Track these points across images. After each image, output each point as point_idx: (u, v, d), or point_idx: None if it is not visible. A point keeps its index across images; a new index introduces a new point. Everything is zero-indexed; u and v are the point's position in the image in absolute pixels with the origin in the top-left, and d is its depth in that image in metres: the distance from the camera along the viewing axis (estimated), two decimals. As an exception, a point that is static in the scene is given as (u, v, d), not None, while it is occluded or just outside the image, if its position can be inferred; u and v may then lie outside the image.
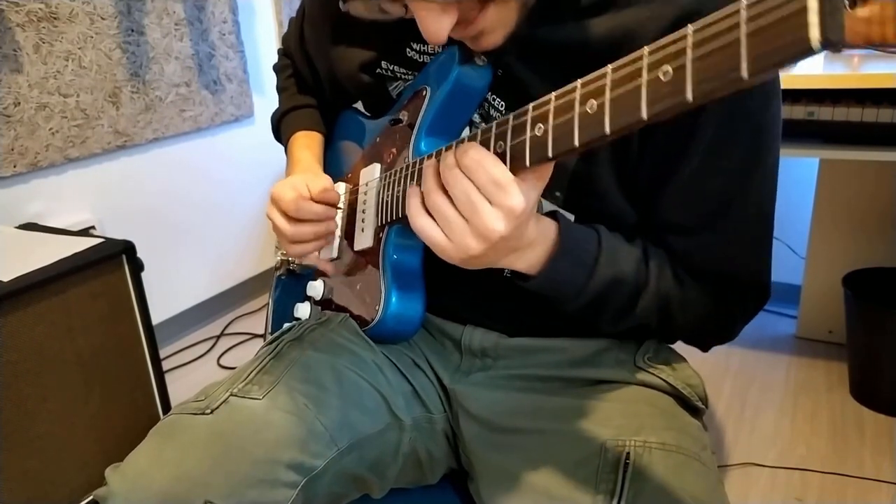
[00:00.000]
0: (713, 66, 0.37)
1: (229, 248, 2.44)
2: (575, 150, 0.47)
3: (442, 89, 0.68)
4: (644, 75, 0.41)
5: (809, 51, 0.32)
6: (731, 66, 0.36)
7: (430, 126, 0.70)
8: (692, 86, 0.38)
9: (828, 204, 1.94)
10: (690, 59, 0.38)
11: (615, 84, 0.43)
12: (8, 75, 1.66)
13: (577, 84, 0.46)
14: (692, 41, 0.38)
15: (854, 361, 1.80)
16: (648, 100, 0.40)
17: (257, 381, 0.70)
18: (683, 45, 0.38)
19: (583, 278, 0.63)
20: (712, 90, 0.37)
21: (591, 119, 0.45)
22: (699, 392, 0.74)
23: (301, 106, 0.96)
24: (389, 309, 0.72)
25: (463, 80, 0.67)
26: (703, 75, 0.37)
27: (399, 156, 0.74)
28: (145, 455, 0.64)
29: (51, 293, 1.29)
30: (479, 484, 0.71)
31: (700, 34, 0.38)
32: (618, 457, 0.63)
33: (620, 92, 0.42)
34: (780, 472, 1.55)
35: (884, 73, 1.32)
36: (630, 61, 0.42)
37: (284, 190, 0.77)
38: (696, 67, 0.37)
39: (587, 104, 0.45)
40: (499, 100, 0.69)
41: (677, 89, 0.39)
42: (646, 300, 0.67)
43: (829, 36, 0.32)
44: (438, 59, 0.71)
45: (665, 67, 0.39)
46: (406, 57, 0.74)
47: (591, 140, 0.45)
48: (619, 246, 0.66)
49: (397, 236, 0.73)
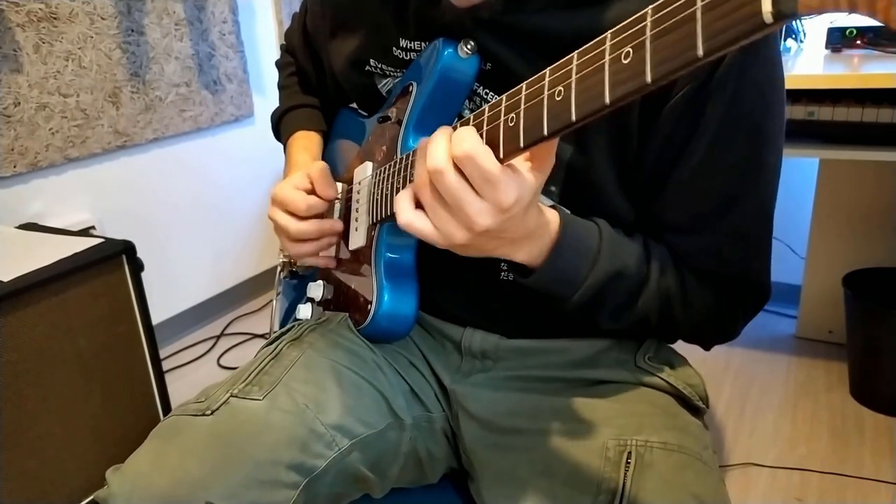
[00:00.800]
0: (670, 45, 0.36)
1: (229, 248, 2.44)
2: (544, 138, 0.46)
3: (428, 83, 0.68)
4: (607, 58, 0.40)
5: (763, 24, 0.32)
6: (688, 45, 0.35)
7: (417, 122, 0.70)
8: (651, 67, 0.37)
9: (828, 204, 1.94)
10: (649, 40, 0.37)
11: (580, 69, 0.42)
12: (8, 75, 1.66)
13: (545, 72, 0.46)
14: (651, 21, 0.37)
15: (854, 361, 1.80)
16: (611, 83, 0.40)
17: (257, 381, 0.70)
18: (643, 25, 0.38)
19: (584, 271, 0.62)
20: (670, 70, 0.37)
21: (558, 106, 0.44)
22: (700, 392, 0.74)
23: (301, 105, 0.96)
24: (382, 308, 0.72)
25: (448, 72, 0.67)
26: (661, 56, 0.37)
27: (389, 153, 0.74)
28: (146, 457, 0.64)
29: (51, 293, 1.29)
30: (480, 484, 0.71)
31: (658, 13, 0.37)
32: (619, 456, 0.63)
33: (585, 77, 0.42)
34: (780, 472, 1.55)
35: (884, 73, 1.32)
36: (594, 45, 0.42)
37: (286, 189, 0.76)
38: (654, 47, 0.37)
39: (555, 91, 0.44)
40: (491, 93, 0.68)
41: (637, 71, 0.38)
42: (647, 296, 0.66)
43: (782, 8, 0.31)
44: (424, 53, 0.70)
45: (626, 49, 0.39)
46: (393, 55, 0.74)
47: (560, 128, 0.44)
48: (621, 240, 0.65)
49: (388, 234, 0.73)
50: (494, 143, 0.50)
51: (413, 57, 0.73)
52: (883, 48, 1.56)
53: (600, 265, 0.62)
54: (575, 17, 0.61)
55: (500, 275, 0.73)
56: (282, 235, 0.79)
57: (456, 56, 0.67)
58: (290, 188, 0.76)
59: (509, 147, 0.49)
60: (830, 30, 1.63)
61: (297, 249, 0.79)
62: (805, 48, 1.71)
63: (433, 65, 0.67)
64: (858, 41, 1.60)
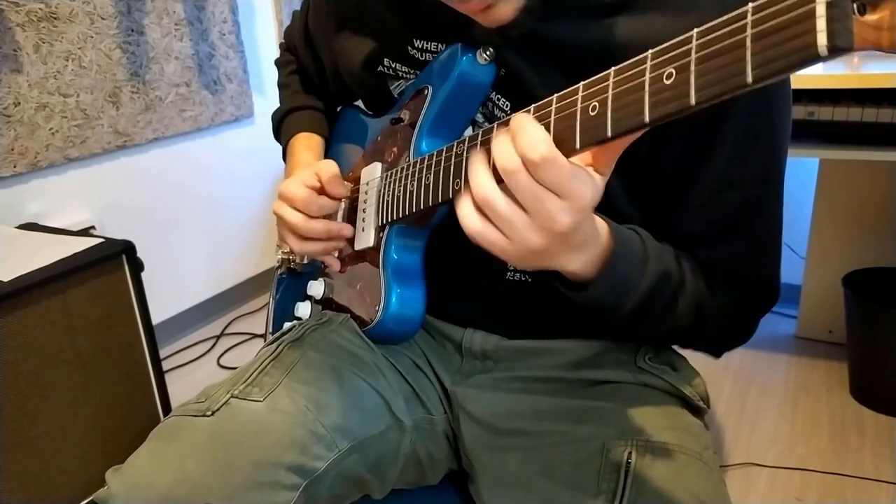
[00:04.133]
0: (717, 69, 0.36)
1: (229, 248, 2.44)
2: (576, 151, 0.46)
3: (444, 88, 0.68)
4: (647, 78, 0.40)
5: (817, 57, 0.32)
6: (736, 71, 0.35)
7: (431, 125, 0.70)
8: (695, 89, 0.38)
9: (828, 204, 1.94)
10: (694, 63, 0.38)
11: (617, 86, 0.43)
12: (8, 75, 1.66)
13: (579, 86, 0.46)
14: (696, 44, 0.38)
15: (854, 361, 1.80)
16: (651, 103, 0.40)
17: (258, 382, 0.69)
18: (688, 48, 0.38)
19: (637, 276, 0.60)
20: (715, 94, 0.37)
21: (592, 121, 0.44)
22: (700, 392, 0.73)
23: (303, 107, 0.95)
24: (389, 309, 0.72)
25: (465, 78, 0.66)
26: (707, 79, 0.37)
27: (400, 155, 0.73)
28: (146, 457, 0.64)
29: (51, 293, 1.29)
30: (480, 485, 0.71)
31: (704, 37, 0.37)
32: (619, 457, 0.63)
33: (623, 94, 0.42)
34: (780, 472, 1.55)
35: (884, 73, 1.32)
36: (633, 64, 0.42)
37: (295, 186, 0.75)
38: (700, 71, 0.37)
39: (589, 106, 0.45)
40: (503, 99, 0.68)
41: (681, 93, 0.38)
42: (685, 300, 0.65)
43: (837, 42, 0.31)
44: (441, 56, 0.70)
45: (668, 70, 0.39)
46: (408, 55, 0.73)
47: (593, 142, 0.45)
48: (653, 239, 0.64)
49: (398, 236, 0.73)
50: None
51: (428, 58, 0.72)
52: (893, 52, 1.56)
53: (650, 268, 0.60)
54: (590, 28, 0.61)
55: (507, 274, 0.73)
56: (287, 232, 0.77)
57: (474, 62, 0.66)
58: (299, 185, 0.75)
59: None
60: (830, 30, 1.62)
61: (302, 247, 0.77)
62: (805, 48, 1.70)
63: (451, 70, 0.67)
64: (858, 41, 1.59)
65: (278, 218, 0.77)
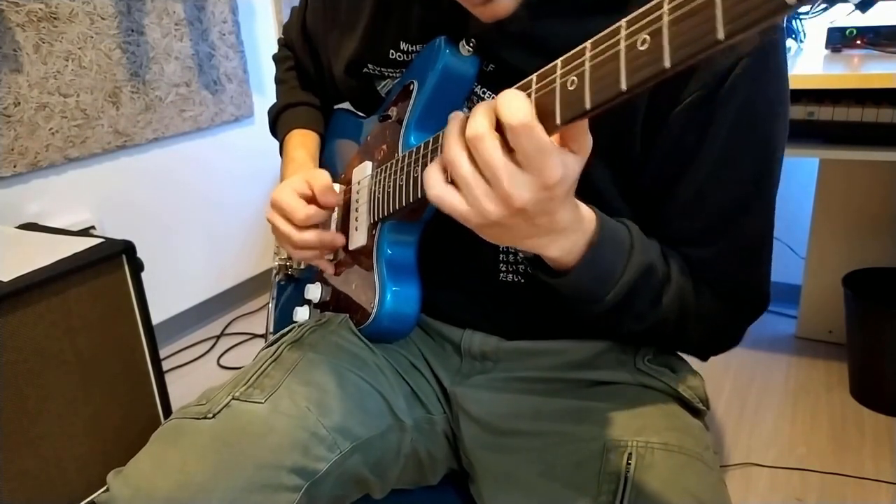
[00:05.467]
0: (689, 29, 0.36)
1: (229, 248, 2.44)
2: (557, 127, 0.46)
3: (429, 82, 0.69)
4: (622, 46, 0.40)
5: (785, 5, 0.32)
6: (708, 29, 0.35)
7: (418, 120, 0.71)
8: (669, 51, 0.37)
9: (828, 204, 1.94)
10: (667, 25, 0.37)
11: (594, 58, 0.42)
12: (8, 75, 1.66)
13: (557, 62, 0.46)
14: (668, 7, 0.37)
15: (854, 361, 1.80)
16: (627, 70, 0.40)
17: (259, 384, 0.70)
18: (660, 12, 0.38)
19: (620, 267, 0.59)
20: (689, 55, 0.36)
21: (572, 95, 0.44)
22: (699, 393, 0.73)
23: (299, 103, 0.95)
24: (384, 307, 0.72)
25: (449, 71, 0.67)
26: (680, 40, 0.37)
27: (390, 152, 0.74)
28: (148, 460, 0.64)
29: (51, 293, 1.29)
30: (480, 485, 0.71)
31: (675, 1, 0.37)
32: (619, 458, 0.63)
33: (600, 65, 0.42)
34: (780, 472, 1.55)
35: (884, 73, 1.32)
36: (609, 34, 0.42)
37: (287, 195, 0.76)
38: (673, 32, 0.37)
39: (567, 81, 0.44)
40: (490, 93, 0.68)
41: (655, 57, 0.38)
42: (669, 296, 0.64)
43: None
44: (424, 52, 0.71)
45: (643, 36, 0.39)
46: (390, 59, 0.74)
47: (573, 116, 0.44)
48: (642, 233, 0.64)
49: (390, 232, 0.73)
50: None
51: (412, 59, 0.73)
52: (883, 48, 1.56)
53: (634, 259, 0.60)
54: (587, 24, 0.60)
55: (500, 276, 0.73)
56: (281, 240, 0.79)
57: (457, 54, 0.67)
58: (290, 194, 0.76)
59: None
60: (830, 30, 1.62)
61: (297, 255, 0.79)
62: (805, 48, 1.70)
63: (434, 63, 0.67)
64: (858, 41, 1.59)
65: (272, 226, 0.78)
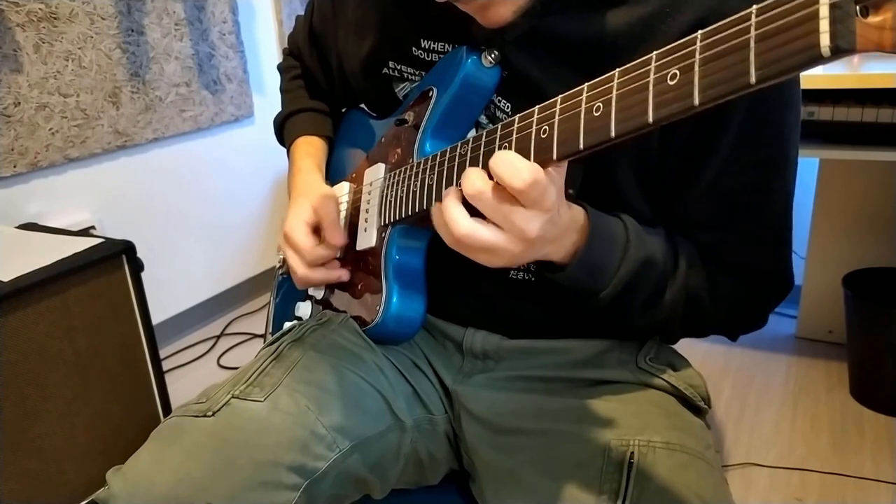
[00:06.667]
0: (721, 70, 0.37)
1: (229, 248, 2.44)
2: (580, 152, 0.47)
3: (449, 90, 0.68)
4: (651, 79, 0.41)
5: (819, 58, 0.32)
6: (740, 72, 0.36)
7: (435, 127, 0.70)
8: (699, 90, 0.38)
9: (828, 204, 1.94)
10: (698, 64, 0.38)
11: (622, 87, 0.43)
12: (8, 75, 1.66)
13: (583, 87, 0.46)
14: (701, 45, 0.38)
15: (854, 361, 1.81)
16: (655, 104, 0.40)
17: (258, 382, 0.69)
18: (692, 49, 0.38)
19: (616, 260, 0.61)
20: (720, 95, 0.37)
21: (596, 122, 0.45)
22: (701, 392, 0.74)
23: (303, 109, 0.95)
24: (390, 310, 0.72)
25: (470, 80, 0.67)
26: (711, 80, 0.37)
27: (404, 156, 0.74)
28: (147, 458, 0.64)
29: (51, 293, 1.29)
30: (482, 485, 0.71)
31: (709, 39, 0.38)
32: (622, 457, 0.63)
33: (627, 95, 0.42)
34: (780, 472, 1.55)
35: (884, 73, 1.32)
36: (638, 65, 0.42)
37: (299, 233, 0.79)
38: (704, 72, 0.37)
39: (593, 107, 0.45)
40: (504, 101, 0.68)
41: (684, 93, 0.39)
42: (674, 289, 0.65)
43: (840, 43, 0.31)
44: (446, 59, 0.70)
45: (672, 71, 0.39)
46: (413, 56, 0.73)
47: (597, 143, 0.45)
48: (643, 228, 0.65)
49: (400, 237, 0.73)
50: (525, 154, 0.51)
51: (435, 58, 0.72)
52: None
53: (631, 252, 0.62)
54: (592, 21, 0.60)
55: (510, 273, 0.73)
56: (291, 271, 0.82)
57: (479, 65, 0.66)
58: (302, 231, 0.79)
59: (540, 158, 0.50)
60: (831, 30, 1.63)
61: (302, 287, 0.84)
62: (805, 48, 1.70)
63: (455, 72, 0.67)
64: (858, 41, 1.59)
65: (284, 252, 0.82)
